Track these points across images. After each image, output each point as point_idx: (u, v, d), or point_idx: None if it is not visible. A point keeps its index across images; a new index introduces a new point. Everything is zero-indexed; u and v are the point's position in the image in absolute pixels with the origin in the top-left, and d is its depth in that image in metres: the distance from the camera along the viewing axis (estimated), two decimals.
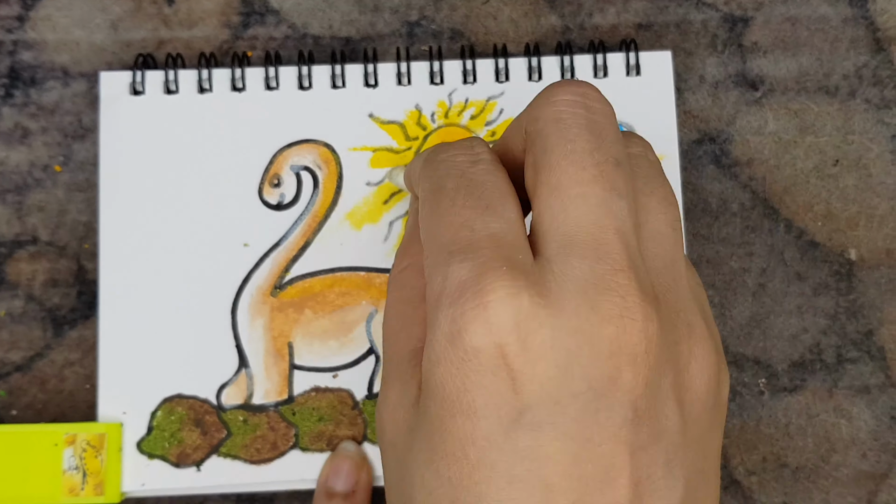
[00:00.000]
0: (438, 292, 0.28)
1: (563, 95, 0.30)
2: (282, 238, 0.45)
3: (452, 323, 0.27)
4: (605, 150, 0.29)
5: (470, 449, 0.27)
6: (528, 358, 0.26)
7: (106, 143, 0.46)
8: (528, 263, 0.28)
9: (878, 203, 0.47)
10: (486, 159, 0.31)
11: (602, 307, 0.26)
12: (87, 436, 0.43)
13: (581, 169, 0.28)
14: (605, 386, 0.26)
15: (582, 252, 0.27)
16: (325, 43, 0.48)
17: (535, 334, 0.26)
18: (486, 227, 0.29)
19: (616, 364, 0.26)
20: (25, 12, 0.48)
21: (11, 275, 0.46)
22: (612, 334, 0.26)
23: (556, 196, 0.28)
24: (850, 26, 0.48)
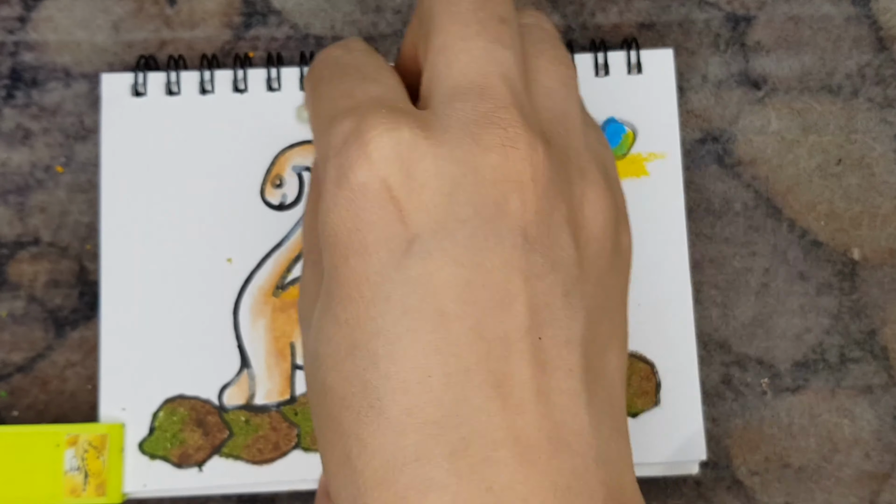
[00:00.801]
0: (325, 151, 0.28)
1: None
2: (284, 238, 0.45)
3: (338, 168, 0.27)
4: (489, 8, 0.29)
5: (364, 287, 0.27)
6: (412, 187, 0.27)
7: (107, 144, 0.46)
8: (410, 109, 0.29)
9: (881, 202, 0.47)
10: (360, 49, 0.32)
11: (484, 138, 0.27)
12: (88, 436, 0.43)
13: (464, 26, 0.29)
14: (491, 212, 0.26)
15: (464, 96, 0.28)
16: (327, 43, 0.48)
17: (418, 164, 0.27)
18: (365, 93, 0.29)
19: (501, 191, 0.27)
20: (27, 13, 0.48)
21: (13, 275, 0.46)
22: (494, 162, 0.27)
23: (441, 55, 0.29)
24: (853, 25, 0.48)
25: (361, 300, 0.27)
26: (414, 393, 0.26)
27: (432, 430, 0.26)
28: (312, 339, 0.29)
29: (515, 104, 0.28)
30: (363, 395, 0.27)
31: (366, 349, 0.27)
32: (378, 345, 0.27)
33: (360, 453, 0.27)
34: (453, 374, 0.26)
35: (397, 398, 0.26)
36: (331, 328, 0.28)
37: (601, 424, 0.28)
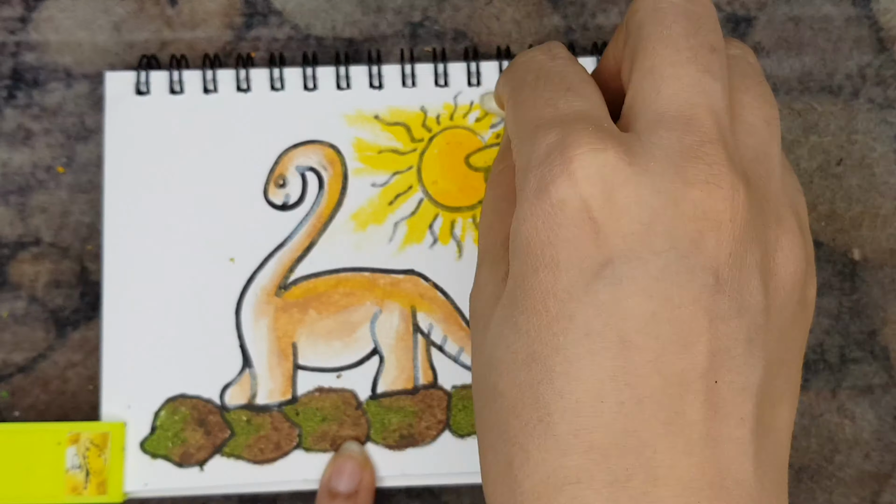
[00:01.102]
0: (527, 160, 0.28)
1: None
2: (286, 238, 0.45)
3: (540, 180, 0.27)
4: (701, 36, 0.29)
5: (550, 301, 0.27)
6: (612, 211, 0.26)
7: (111, 143, 0.46)
8: (615, 130, 0.28)
9: (881, 203, 0.47)
10: (563, 56, 0.32)
11: (688, 172, 0.27)
12: (90, 435, 0.43)
13: (676, 51, 0.29)
14: (687, 247, 0.26)
15: (671, 125, 0.28)
16: (328, 44, 0.48)
17: (620, 189, 0.27)
18: (569, 105, 0.29)
19: (700, 228, 0.26)
20: (28, 13, 0.48)
21: (14, 276, 0.46)
22: (696, 198, 0.26)
23: (649, 78, 0.29)
24: (854, 26, 0.48)
25: (546, 314, 0.27)
26: (584, 415, 0.26)
27: (596, 456, 0.26)
28: (490, 341, 0.29)
29: (721, 140, 0.27)
30: (534, 407, 0.27)
31: (543, 363, 0.27)
32: (556, 361, 0.27)
33: (522, 464, 0.27)
34: (626, 404, 0.26)
35: (567, 417, 0.26)
36: (511, 335, 0.28)
37: (764, 477, 0.27)
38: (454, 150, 0.46)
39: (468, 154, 0.46)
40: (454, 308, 0.45)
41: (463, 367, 0.45)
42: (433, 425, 0.45)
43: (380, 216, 0.46)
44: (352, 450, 0.44)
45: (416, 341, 0.45)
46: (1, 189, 0.46)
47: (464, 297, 0.45)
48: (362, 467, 0.44)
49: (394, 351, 0.45)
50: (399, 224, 0.46)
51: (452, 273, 0.45)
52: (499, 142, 0.46)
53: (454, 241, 0.45)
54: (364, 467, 0.44)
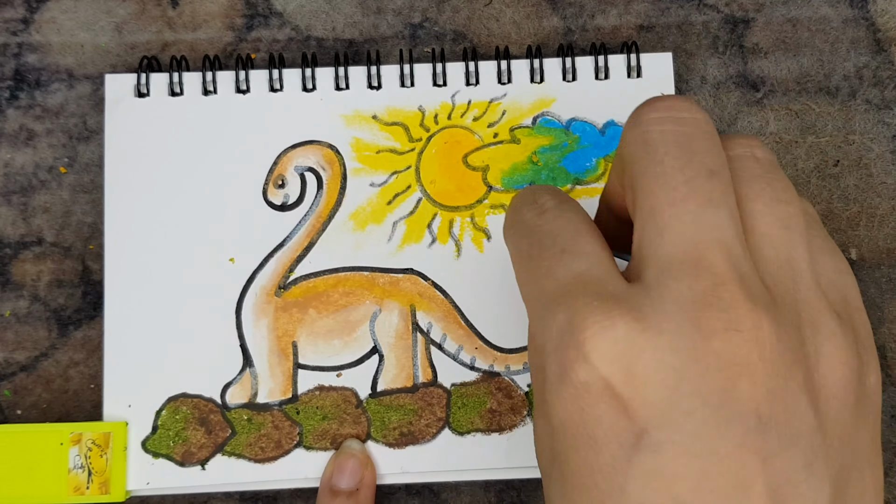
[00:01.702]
0: (542, 343, 0.28)
1: (649, 114, 0.29)
2: (286, 238, 0.46)
3: (559, 366, 0.27)
4: (696, 164, 0.28)
5: (598, 478, 0.27)
6: (635, 384, 0.26)
7: (111, 144, 0.46)
8: (621, 291, 0.28)
9: (878, 203, 0.47)
10: (550, 207, 0.31)
11: (704, 323, 0.26)
12: (92, 435, 0.43)
13: (671, 189, 0.28)
14: (720, 399, 0.26)
15: (679, 273, 0.27)
16: (329, 45, 0.48)
17: (638, 360, 0.26)
18: (567, 271, 0.29)
19: (728, 376, 0.26)
20: (30, 15, 0.48)
21: (17, 275, 0.46)
22: (718, 348, 0.26)
23: (650, 221, 0.28)
24: (851, 27, 0.48)
25: (597, 490, 0.27)
26: None
27: None
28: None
29: (734, 277, 0.27)
30: None
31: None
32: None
33: None
34: None
35: None
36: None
37: None
38: (452, 149, 0.46)
39: (466, 153, 0.46)
40: (453, 306, 0.45)
41: (462, 364, 0.45)
42: (433, 423, 0.45)
43: (378, 216, 0.46)
44: (353, 448, 0.44)
45: (416, 340, 0.45)
46: (3, 189, 0.47)
47: (462, 296, 0.45)
48: (363, 465, 0.44)
49: (393, 349, 0.45)
50: (398, 223, 0.46)
51: (451, 272, 0.45)
52: (496, 141, 0.46)
53: (452, 240, 0.46)
54: (365, 465, 0.44)
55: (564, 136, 0.46)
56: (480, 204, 0.46)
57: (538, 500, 0.46)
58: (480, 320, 0.45)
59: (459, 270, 0.46)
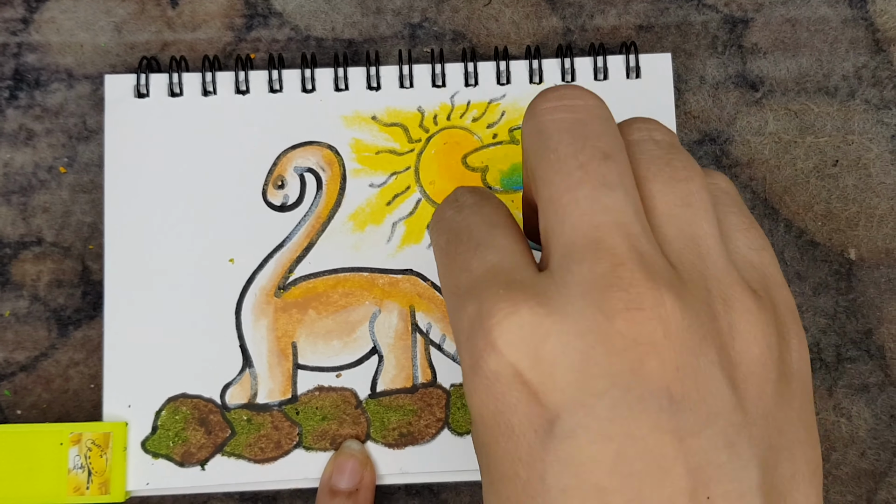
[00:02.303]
0: (457, 335, 0.28)
1: (542, 104, 0.29)
2: (285, 239, 0.46)
3: (471, 357, 0.27)
4: (588, 148, 0.28)
5: (518, 466, 0.27)
6: (542, 369, 0.26)
7: (111, 145, 0.46)
8: (528, 279, 0.28)
9: (877, 203, 0.47)
10: (468, 204, 0.32)
11: (606, 304, 0.26)
12: (92, 435, 0.43)
13: (566, 175, 0.28)
14: (628, 380, 0.25)
15: (580, 256, 0.27)
16: (328, 45, 0.48)
17: (544, 344, 0.26)
18: (482, 264, 0.29)
19: (635, 356, 0.25)
20: (30, 15, 0.48)
21: (16, 275, 0.46)
22: (621, 328, 0.25)
23: (550, 208, 0.28)
24: (850, 27, 0.48)
25: (518, 480, 0.27)
26: None
27: None
28: None
29: (634, 256, 0.26)
30: None
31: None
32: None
33: None
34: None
35: None
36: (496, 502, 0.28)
37: None
38: (451, 150, 0.46)
39: (465, 154, 0.46)
40: None
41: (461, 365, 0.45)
42: (432, 423, 0.45)
43: (378, 216, 0.46)
44: (352, 448, 0.44)
45: (415, 340, 0.45)
46: (3, 189, 0.47)
47: None
48: (363, 465, 0.44)
49: (393, 350, 0.45)
50: (397, 224, 0.46)
51: None
52: (496, 141, 0.46)
53: None
54: (364, 465, 0.44)
55: None
56: None
57: None
58: None
59: None
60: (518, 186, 0.46)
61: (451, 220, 0.31)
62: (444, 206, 0.32)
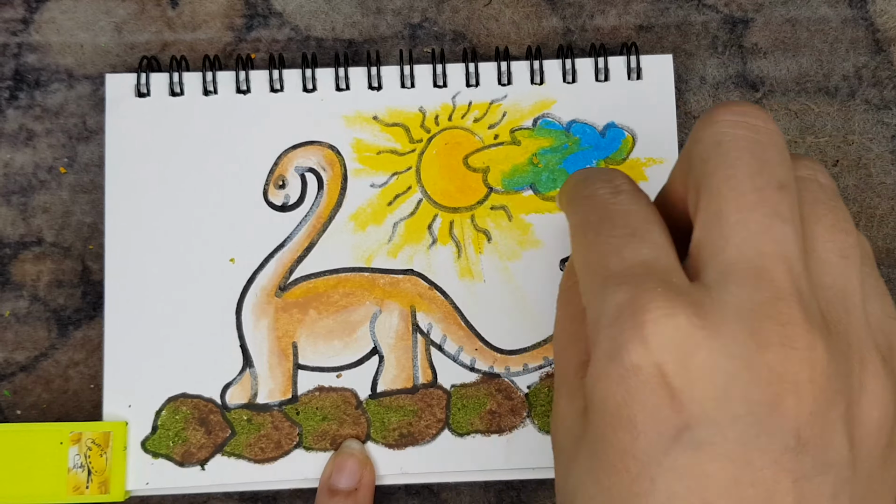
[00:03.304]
0: (597, 315, 0.28)
1: (725, 116, 0.29)
2: (286, 239, 0.46)
3: (612, 342, 0.27)
4: (767, 174, 0.28)
5: (630, 462, 0.27)
6: (688, 378, 0.26)
7: (111, 144, 0.46)
8: (684, 286, 0.28)
9: (878, 203, 0.47)
10: (626, 190, 0.31)
11: (761, 335, 0.26)
12: (92, 434, 0.43)
13: (741, 195, 0.28)
14: (765, 412, 0.26)
15: (742, 280, 0.27)
16: (328, 45, 0.48)
17: (694, 355, 0.26)
18: (635, 254, 0.29)
19: (777, 391, 0.26)
20: (30, 15, 0.48)
21: (16, 275, 0.46)
22: (771, 361, 0.26)
23: (715, 223, 0.28)
24: (850, 27, 0.48)
25: (626, 474, 0.27)
26: None
27: None
28: (571, 485, 0.29)
29: (794, 293, 0.27)
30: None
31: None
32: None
33: None
34: None
35: None
36: (592, 488, 0.28)
37: None
38: (453, 150, 0.46)
39: (467, 154, 0.46)
40: (453, 307, 0.45)
41: (462, 366, 0.45)
42: (432, 424, 0.45)
43: (379, 217, 0.46)
44: (352, 448, 0.44)
45: (416, 341, 0.45)
46: (3, 189, 0.47)
47: (462, 297, 0.45)
48: (362, 465, 0.44)
49: (393, 350, 0.45)
50: (398, 224, 0.46)
51: (451, 273, 0.46)
52: (497, 142, 0.46)
53: (453, 241, 0.46)
54: (364, 465, 0.44)
55: (565, 138, 0.46)
56: (481, 205, 0.46)
57: (538, 500, 0.46)
58: (480, 321, 0.45)
59: (460, 271, 0.46)
60: (519, 188, 0.46)
61: (605, 199, 0.31)
62: (594, 183, 0.32)
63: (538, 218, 0.46)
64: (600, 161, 0.46)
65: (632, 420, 0.27)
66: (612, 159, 0.46)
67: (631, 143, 0.46)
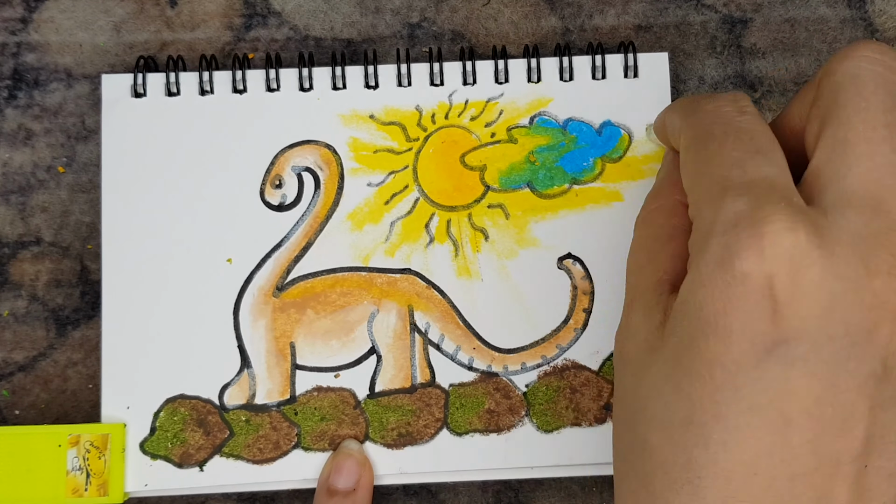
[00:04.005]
0: (710, 222, 0.28)
1: (865, 52, 0.30)
2: (283, 239, 0.45)
3: (725, 248, 0.27)
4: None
5: (717, 370, 0.27)
6: (794, 292, 0.26)
7: (108, 145, 0.46)
8: (803, 206, 0.28)
9: None
10: (751, 111, 0.32)
11: (872, 261, 0.26)
12: (90, 437, 0.43)
13: (872, 128, 0.28)
14: (861, 336, 0.26)
15: (860, 207, 0.27)
16: (327, 45, 0.48)
17: (806, 271, 0.26)
18: (757, 169, 0.29)
19: (876, 317, 0.26)
20: (29, 14, 0.48)
21: (15, 275, 0.46)
22: (877, 288, 0.26)
23: (840, 150, 0.28)
24: (849, 27, 0.48)
25: (711, 381, 0.27)
26: (735, 485, 0.27)
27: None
28: (644, 392, 0.30)
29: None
30: (685, 468, 0.28)
31: (701, 428, 0.27)
32: (715, 429, 0.27)
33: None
34: (778, 479, 0.27)
35: (718, 484, 0.27)
36: (670, 394, 0.28)
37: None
38: (449, 148, 0.46)
39: (463, 153, 0.46)
40: (451, 306, 0.45)
41: (460, 365, 0.45)
42: (431, 423, 0.45)
43: (376, 216, 0.46)
44: (350, 448, 0.44)
45: (414, 340, 0.45)
46: (2, 188, 0.47)
47: (460, 296, 0.45)
48: (361, 465, 0.44)
49: (391, 350, 0.45)
50: (395, 223, 0.46)
51: (449, 272, 0.45)
52: (494, 140, 0.46)
53: (450, 240, 0.45)
54: (362, 465, 0.44)
55: (561, 136, 0.46)
56: (478, 203, 0.46)
57: (536, 500, 0.46)
58: (478, 320, 0.45)
59: (457, 270, 0.45)
60: (516, 186, 0.46)
61: (729, 115, 0.32)
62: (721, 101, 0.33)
63: (535, 216, 0.46)
64: (597, 159, 0.46)
65: (727, 329, 0.27)
66: (608, 157, 0.46)
67: (627, 140, 0.46)
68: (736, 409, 0.27)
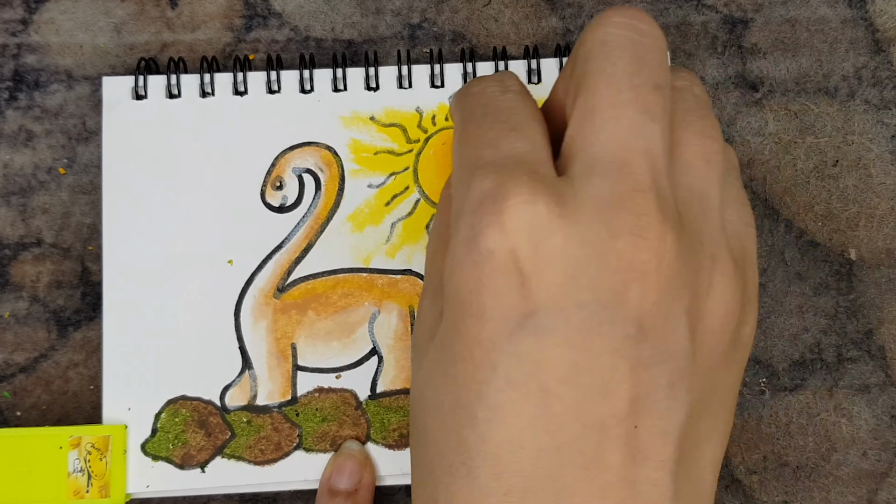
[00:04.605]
0: (461, 203, 0.29)
1: (613, 18, 0.30)
2: (284, 240, 0.45)
3: (470, 228, 0.27)
4: (645, 74, 0.29)
5: (476, 350, 0.27)
6: (538, 263, 0.27)
7: (109, 147, 0.46)
8: (550, 177, 0.28)
9: (877, 203, 0.47)
10: (515, 90, 0.32)
11: (614, 223, 0.26)
12: (91, 438, 0.43)
13: (617, 92, 0.28)
14: (610, 299, 0.26)
15: (604, 171, 0.27)
16: (328, 46, 0.48)
17: (548, 241, 0.27)
18: (510, 147, 0.29)
19: (623, 279, 0.26)
20: (29, 16, 0.48)
21: (16, 276, 0.46)
22: (621, 249, 0.26)
23: (588, 118, 0.28)
24: (850, 27, 0.48)
25: (471, 361, 0.27)
26: (504, 461, 0.27)
27: (515, 499, 0.27)
28: (422, 379, 0.30)
29: (653, 187, 0.27)
30: (458, 450, 0.28)
31: (468, 409, 0.28)
32: (479, 408, 0.27)
33: None
34: (545, 450, 0.27)
35: (488, 462, 0.27)
36: (439, 379, 0.29)
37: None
38: (450, 150, 0.46)
39: None
40: None
41: None
42: None
43: (377, 217, 0.46)
44: (352, 448, 0.44)
45: None
46: (2, 190, 0.47)
47: None
48: (362, 466, 0.44)
49: (392, 351, 0.45)
50: (396, 225, 0.46)
51: None
52: None
53: None
54: (364, 466, 0.44)
55: None
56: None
57: None
58: None
59: None
60: None
61: (492, 96, 0.32)
62: (485, 81, 0.33)
63: None
64: None
65: (481, 307, 0.27)
66: None
67: None
68: (495, 387, 0.27)
